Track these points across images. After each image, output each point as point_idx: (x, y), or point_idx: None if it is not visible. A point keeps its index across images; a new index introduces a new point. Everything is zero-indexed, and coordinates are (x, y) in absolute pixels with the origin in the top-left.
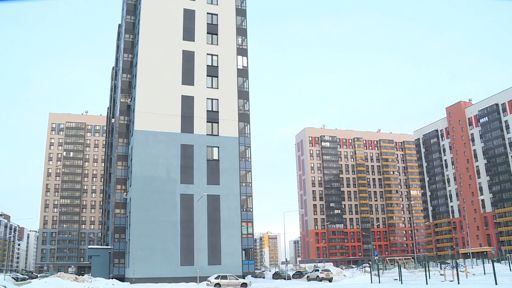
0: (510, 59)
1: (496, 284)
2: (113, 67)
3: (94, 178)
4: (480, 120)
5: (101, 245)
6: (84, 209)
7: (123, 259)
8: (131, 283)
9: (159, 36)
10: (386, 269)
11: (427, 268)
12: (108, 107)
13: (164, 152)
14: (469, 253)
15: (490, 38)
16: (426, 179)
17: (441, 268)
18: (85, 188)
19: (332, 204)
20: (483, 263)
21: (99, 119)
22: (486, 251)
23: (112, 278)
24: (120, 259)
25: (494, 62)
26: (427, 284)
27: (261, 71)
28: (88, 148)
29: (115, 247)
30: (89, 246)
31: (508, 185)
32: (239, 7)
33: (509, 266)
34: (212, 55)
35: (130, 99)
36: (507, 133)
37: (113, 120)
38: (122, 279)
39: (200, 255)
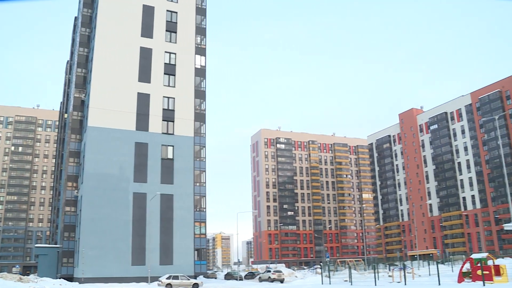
0: (461, 70)
1: (439, 284)
2: (68, 61)
3: (44, 175)
4: (430, 127)
5: (49, 244)
6: (32, 206)
7: (72, 258)
8: (79, 283)
9: (117, 32)
10: (337, 270)
11: (376, 270)
12: (61, 102)
13: (118, 149)
14: (416, 255)
15: (445, 48)
16: (378, 183)
17: (389, 270)
18: (34, 184)
19: (285, 206)
20: (429, 265)
21: (51, 113)
22: (432, 253)
23: (59, 278)
24: (69, 259)
25: (447, 71)
26: (375, 285)
27: (223, 71)
28: (38, 143)
29: (64, 246)
30: (36, 245)
31: (454, 190)
32: (199, 6)
33: (452, 267)
34: (170, 53)
35: (84, 94)
36: (455, 141)
37: (66, 115)
38: (70, 279)
39: (152, 254)
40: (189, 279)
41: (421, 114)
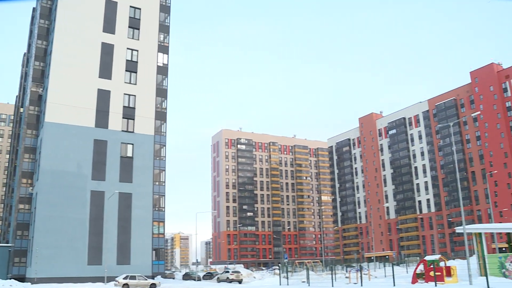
0: (420, 76)
1: (394, 285)
2: (25, 53)
3: None
4: (389, 132)
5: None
6: None
7: (25, 258)
8: (32, 284)
9: (78, 25)
10: (295, 271)
11: (333, 271)
12: (16, 95)
13: (76, 146)
14: (373, 257)
15: (406, 55)
16: (337, 185)
17: (346, 271)
18: None
19: (245, 207)
20: (385, 266)
21: (5, 107)
22: (388, 255)
23: (10, 279)
24: (21, 258)
25: (407, 77)
26: (333, 286)
27: (186, 70)
28: None
29: (16, 245)
30: None
31: (410, 194)
32: (164, 4)
33: (407, 269)
34: (132, 50)
35: (42, 89)
36: (412, 146)
37: (21, 110)
38: (22, 279)
39: (109, 254)
40: (146, 279)
41: (380, 119)
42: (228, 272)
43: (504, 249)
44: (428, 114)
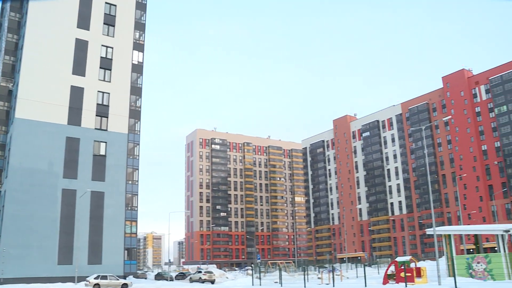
0: (394, 79)
1: (365, 286)
2: None
3: None
4: (363, 134)
5: None
6: None
7: None
8: None
9: (51, 20)
10: (267, 272)
11: (306, 272)
12: None
13: (47, 143)
14: (345, 258)
15: (381, 58)
16: (311, 186)
17: (319, 272)
18: None
19: (218, 207)
20: (357, 267)
21: None
22: (360, 256)
23: None
24: None
25: (381, 80)
26: (305, 286)
27: (162, 68)
28: None
29: None
30: None
31: (383, 196)
32: (140, 1)
33: (378, 270)
34: (107, 47)
35: (12, 84)
36: (385, 148)
37: None
38: None
39: (80, 253)
40: (118, 279)
41: (354, 121)
42: (200, 272)
43: (471, 250)
44: (401, 117)
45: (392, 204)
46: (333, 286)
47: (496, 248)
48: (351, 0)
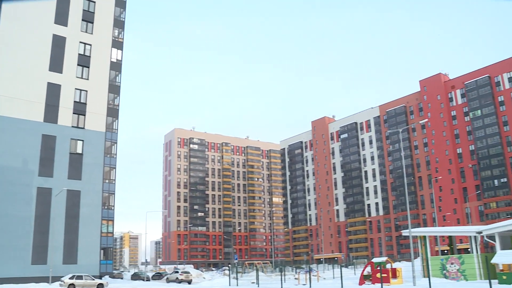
0: (373, 82)
1: (342, 286)
2: None
3: None
4: (341, 136)
5: None
6: None
7: None
8: None
9: (27, 14)
10: (245, 272)
11: (283, 272)
12: None
13: (22, 141)
14: (322, 258)
15: (360, 60)
16: (288, 187)
17: (296, 272)
18: None
19: (196, 207)
20: (333, 268)
21: None
22: (337, 257)
23: None
24: None
25: (360, 82)
26: (282, 287)
27: (141, 67)
28: None
29: None
30: None
31: (360, 197)
32: None
33: (355, 270)
34: (85, 44)
35: None
36: (363, 150)
37: None
38: None
39: (55, 253)
40: (93, 279)
41: (332, 123)
42: (177, 272)
43: (446, 251)
44: (379, 119)
45: (369, 205)
46: (310, 286)
47: (469, 249)
48: (332, 3)
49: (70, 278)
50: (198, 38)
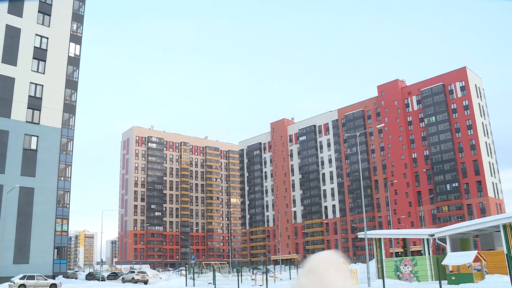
0: (333, 86)
1: None
2: None
3: None
4: (299, 138)
5: None
6: None
7: None
8: None
9: None
10: (201, 273)
11: (240, 273)
12: None
13: None
14: (279, 259)
15: (321, 64)
16: (247, 188)
17: (253, 273)
18: None
19: (153, 206)
20: (290, 269)
21: None
22: (293, 258)
23: None
24: None
25: (321, 86)
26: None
27: (101, 63)
28: None
29: None
30: None
31: (317, 199)
32: None
33: None
34: (42, 36)
35: None
36: (321, 153)
37: None
38: None
39: (5, 252)
40: (46, 279)
41: (291, 125)
42: (133, 272)
43: (400, 253)
44: (337, 123)
45: (326, 207)
46: (266, 287)
47: (422, 251)
48: (300, 8)
49: (20, 279)
50: (164, 36)
